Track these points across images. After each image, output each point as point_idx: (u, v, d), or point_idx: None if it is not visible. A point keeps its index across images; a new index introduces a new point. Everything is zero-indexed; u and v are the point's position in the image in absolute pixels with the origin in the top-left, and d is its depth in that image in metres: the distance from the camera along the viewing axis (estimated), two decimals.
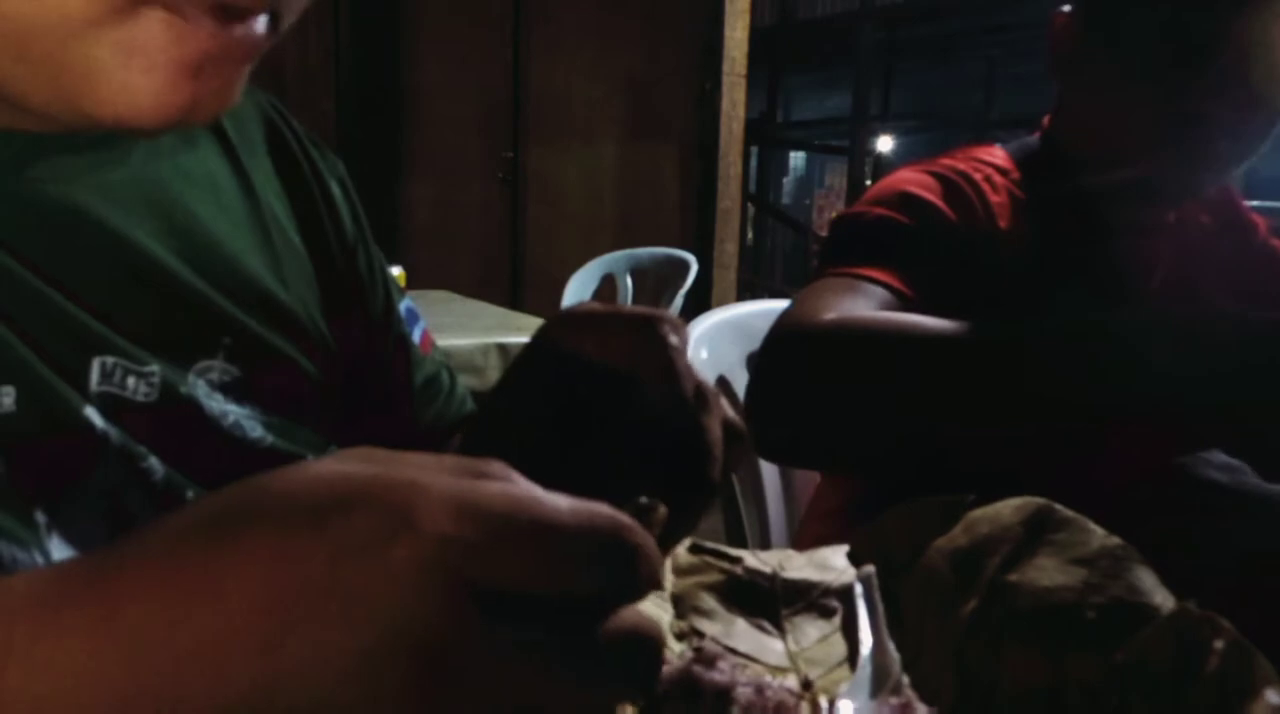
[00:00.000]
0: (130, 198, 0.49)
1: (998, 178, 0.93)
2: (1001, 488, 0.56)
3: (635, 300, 3.33)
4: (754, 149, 10.51)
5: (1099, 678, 0.46)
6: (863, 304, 0.80)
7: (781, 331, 0.79)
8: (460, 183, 4.39)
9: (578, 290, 3.38)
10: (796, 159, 14.85)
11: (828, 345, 0.76)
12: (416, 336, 0.69)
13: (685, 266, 3.28)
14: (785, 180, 14.75)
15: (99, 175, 0.48)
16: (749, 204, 8.89)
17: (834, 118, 12.19)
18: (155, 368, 0.48)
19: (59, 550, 0.43)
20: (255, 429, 0.53)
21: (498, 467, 0.27)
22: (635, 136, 4.54)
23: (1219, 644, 0.45)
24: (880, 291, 0.82)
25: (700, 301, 3.72)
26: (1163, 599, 0.48)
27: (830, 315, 0.77)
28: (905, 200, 0.89)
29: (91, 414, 0.45)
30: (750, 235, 10.60)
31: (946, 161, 0.94)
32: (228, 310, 0.52)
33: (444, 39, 4.29)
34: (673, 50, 4.45)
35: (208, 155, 0.56)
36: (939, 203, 0.88)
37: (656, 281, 3.31)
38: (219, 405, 0.51)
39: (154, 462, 0.47)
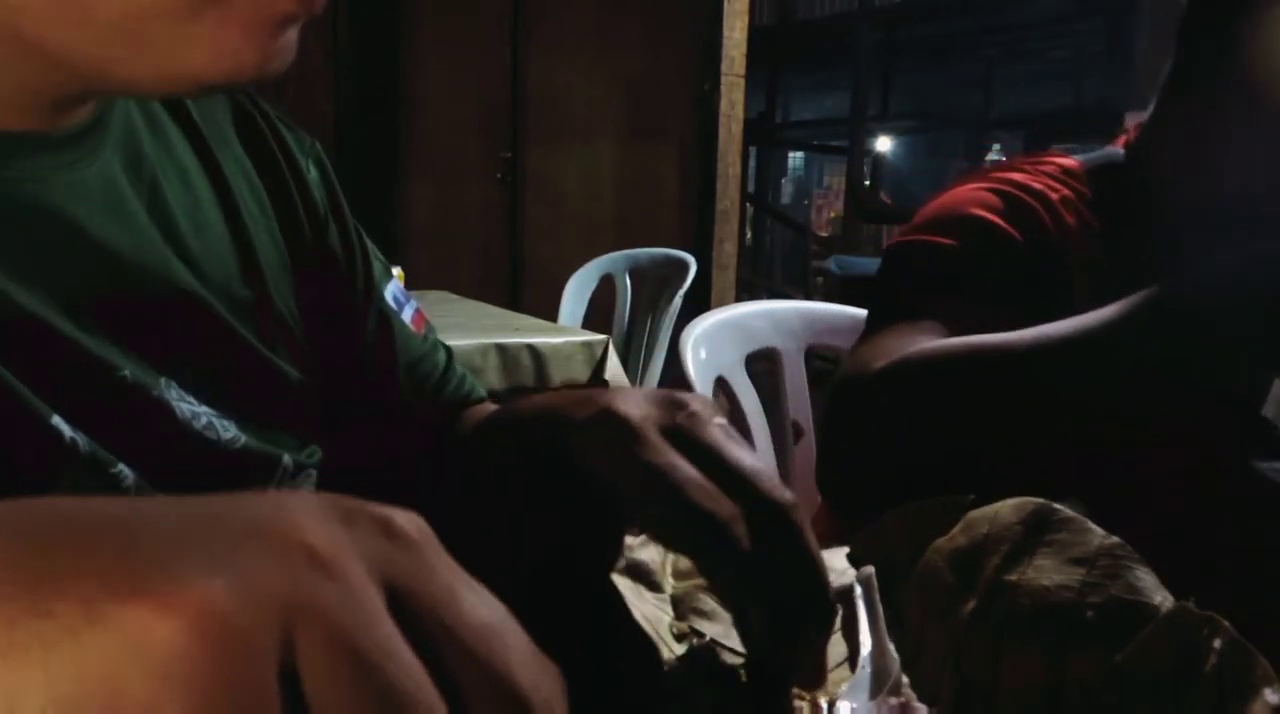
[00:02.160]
0: (102, 196, 0.48)
1: (1071, 196, 0.87)
2: (1031, 492, 0.55)
3: (634, 300, 3.33)
4: (753, 149, 10.52)
5: (1098, 678, 0.46)
6: (921, 341, 0.77)
7: (844, 380, 0.78)
8: (459, 183, 4.39)
9: (577, 290, 3.38)
10: (795, 159, 14.86)
11: (890, 386, 0.74)
12: (407, 316, 0.67)
13: (684, 267, 3.27)
14: (784, 180, 14.76)
15: (72, 174, 0.46)
16: (748, 204, 8.89)
17: (833, 118, 12.20)
18: (126, 372, 0.46)
19: None
20: (229, 430, 0.51)
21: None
22: (634, 136, 4.54)
23: (1218, 644, 0.45)
24: (939, 326, 0.79)
25: (699, 302, 3.72)
26: (1162, 599, 0.48)
27: (889, 359, 0.75)
28: (963, 224, 0.84)
29: (59, 422, 0.43)
30: (749, 235, 10.61)
31: (1018, 177, 0.88)
32: (200, 310, 0.51)
33: (443, 40, 4.28)
34: (672, 50, 4.44)
35: (177, 147, 0.55)
36: (1001, 223, 0.83)
37: (655, 282, 3.29)
38: (191, 407, 0.49)
39: (124, 468, 0.45)
